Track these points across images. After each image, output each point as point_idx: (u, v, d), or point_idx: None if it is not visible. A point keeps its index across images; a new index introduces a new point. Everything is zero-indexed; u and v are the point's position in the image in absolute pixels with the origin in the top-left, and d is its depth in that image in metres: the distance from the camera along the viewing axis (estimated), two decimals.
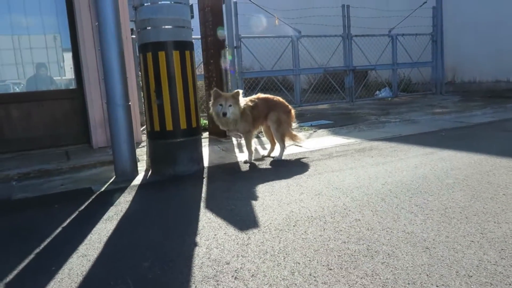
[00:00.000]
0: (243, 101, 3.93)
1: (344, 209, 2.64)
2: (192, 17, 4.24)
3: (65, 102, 5.28)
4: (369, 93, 10.57)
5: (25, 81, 5.26)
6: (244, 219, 2.56)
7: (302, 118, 7.15)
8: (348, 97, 9.39)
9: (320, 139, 5.19)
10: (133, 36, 6.13)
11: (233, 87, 6.43)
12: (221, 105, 3.76)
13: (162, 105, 3.62)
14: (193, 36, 3.90)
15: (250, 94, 4.26)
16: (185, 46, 3.64)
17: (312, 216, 2.55)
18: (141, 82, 3.99)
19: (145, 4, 3.54)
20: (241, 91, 3.88)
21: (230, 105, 3.77)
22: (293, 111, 4.26)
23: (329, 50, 9.67)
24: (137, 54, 5.24)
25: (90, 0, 4.96)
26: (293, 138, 4.33)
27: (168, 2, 3.52)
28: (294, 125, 4.37)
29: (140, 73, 4.05)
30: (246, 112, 3.93)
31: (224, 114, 3.74)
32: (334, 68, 9.41)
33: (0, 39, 5.10)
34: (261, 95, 4.20)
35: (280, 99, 4.25)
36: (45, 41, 5.28)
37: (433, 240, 2.16)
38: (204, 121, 6.35)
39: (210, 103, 3.88)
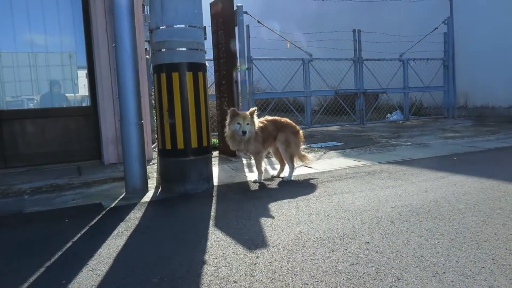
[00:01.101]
0: (257, 120, 4.01)
1: (353, 231, 2.65)
2: (205, 38, 4.36)
3: (79, 119, 5.40)
4: (380, 116, 10.59)
5: (39, 97, 5.40)
6: (253, 239, 2.57)
7: (312, 139, 7.18)
8: (359, 119, 9.43)
9: (330, 160, 5.21)
10: (147, 56, 6.29)
11: (244, 108, 6.52)
12: (239, 123, 3.83)
13: (174, 124, 3.69)
14: (206, 58, 4.00)
15: (261, 115, 4.33)
16: (198, 68, 3.74)
17: (321, 237, 2.56)
18: (153, 101, 4.08)
19: (161, 27, 3.66)
20: (256, 109, 3.95)
21: (247, 124, 3.84)
22: (301, 132, 4.31)
23: (340, 73, 9.77)
24: (151, 73, 5.37)
25: (107, 21, 5.13)
26: (302, 158, 4.36)
27: (183, 25, 3.63)
28: (303, 146, 4.40)
29: (153, 91, 4.14)
30: (257, 132, 3.99)
31: (244, 133, 3.82)
32: (345, 90, 9.48)
33: (19, 56, 5.27)
34: (269, 117, 4.27)
35: (288, 120, 4.31)
36: (61, 59, 5.45)
37: (443, 265, 2.15)
38: (214, 140, 6.42)
39: (226, 122, 3.95)
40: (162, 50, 3.67)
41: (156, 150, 4.17)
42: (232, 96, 5.56)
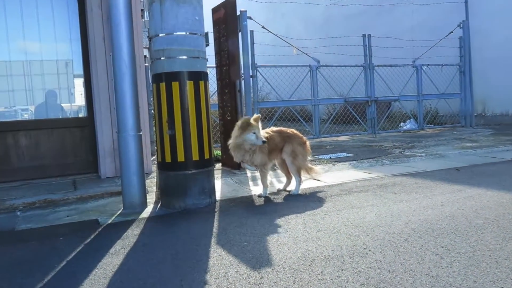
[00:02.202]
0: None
1: (364, 248, 2.64)
2: (207, 45, 4.40)
3: (74, 130, 5.45)
4: (393, 125, 10.59)
5: (34, 107, 5.46)
6: (257, 257, 2.57)
7: (321, 150, 7.18)
8: (370, 129, 9.43)
9: (339, 173, 5.21)
10: (146, 64, 6.35)
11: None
12: (254, 133, 3.85)
13: (174, 136, 3.71)
14: (208, 65, 4.04)
15: (266, 125, 4.35)
16: (199, 77, 3.78)
17: (329, 256, 2.55)
18: (153, 111, 4.11)
19: (160, 35, 3.71)
20: (259, 116, 3.97)
21: (253, 132, 3.87)
22: (308, 143, 4.32)
23: (350, 80, 9.81)
24: (150, 82, 5.41)
25: (104, 28, 5.20)
26: (309, 171, 4.37)
27: (184, 33, 3.68)
28: (310, 157, 4.41)
29: (152, 101, 4.18)
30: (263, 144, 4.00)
31: (264, 142, 3.86)
32: (355, 98, 9.50)
33: (12, 65, 5.35)
34: (274, 128, 4.29)
35: (295, 131, 4.33)
36: (56, 67, 5.52)
37: (460, 285, 2.13)
38: (217, 152, 6.44)
39: (234, 132, 3.94)
40: (162, 58, 3.71)
41: (156, 163, 4.19)
42: (236, 105, 5.59)
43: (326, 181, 4.74)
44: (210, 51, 6.26)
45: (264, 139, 3.84)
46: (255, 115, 4.00)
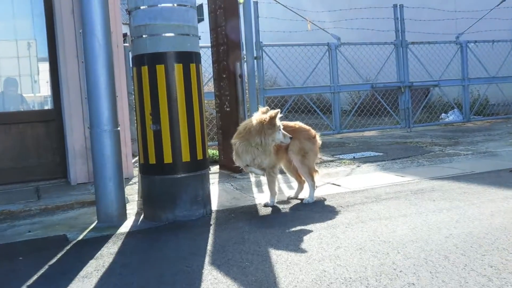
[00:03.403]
0: None
1: (394, 269, 2.63)
2: (202, 20, 4.40)
3: (38, 126, 5.49)
4: (432, 117, 10.55)
5: None
6: (261, 280, 2.57)
7: (342, 149, 7.16)
8: (404, 122, 9.40)
9: (364, 176, 5.19)
10: (126, 44, 6.37)
11: (252, 109, 6.54)
12: (280, 130, 3.94)
13: (160, 132, 3.72)
14: (200, 44, 4.04)
15: None
16: (190, 58, 3.78)
17: (350, 278, 2.54)
18: (134, 102, 4.12)
19: (141, 7, 3.70)
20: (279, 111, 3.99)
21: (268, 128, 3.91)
22: (318, 137, 4.32)
23: (378, 61, 9.77)
24: (130, 67, 5.43)
25: (73, 1, 5.22)
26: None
27: (170, 4, 3.67)
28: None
29: (133, 89, 4.19)
30: None
31: (292, 137, 3.98)
32: (385, 84, 9.48)
33: None
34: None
35: (300, 123, 4.34)
36: (16, 49, 5.55)
37: None
38: (213, 152, 6.45)
39: (255, 129, 3.87)
40: (143, 36, 3.72)
41: (138, 165, 4.20)
42: (236, 94, 5.60)
43: (348, 186, 4.73)
44: (204, 27, 6.28)
45: (291, 135, 3.94)
46: (263, 108, 3.99)
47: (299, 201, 4.24)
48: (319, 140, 4.33)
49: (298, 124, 4.32)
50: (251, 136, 3.90)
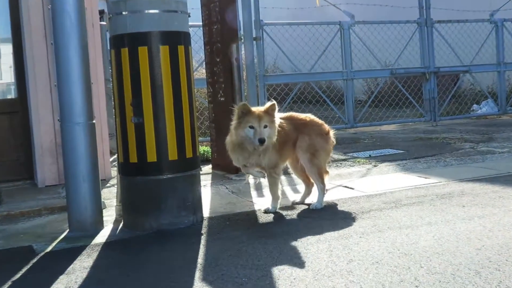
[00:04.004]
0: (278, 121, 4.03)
1: (416, 286, 2.63)
2: None
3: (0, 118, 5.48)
4: (462, 108, 10.53)
5: None
6: None
7: (357, 146, 7.16)
8: (429, 114, 9.39)
9: (382, 177, 5.19)
10: (104, 23, 6.35)
11: (251, 100, 6.54)
12: (252, 127, 3.84)
13: (142, 125, 3.72)
14: (190, 23, 4.03)
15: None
16: (177, 39, 3.77)
17: None
18: (112, 91, 4.11)
19: None
20: (276, 104, 3.95)
21: (265, 126, 3.86)
22: (332, 133, 4.32)
23: (399, 43, 9.76)
24: (108, 49, 5.42)
25: None
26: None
27: None
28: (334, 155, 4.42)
29: (111, 76, 4.18)
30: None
31: (261, 142, 3.81)
32: (407, 70, 9.46)
33: None
34: (281, 114, 4.27)
35: (311, 116, 4.33)
36: None
37: None
38: (204, 149, 6.44)
39: (232, 124, 3.96)
40: (123, 13, 3.70)
41: (116, 165, 4.19)
42: (232, 81, 5.58)
43: (362, 189, 4.73)
44: (194, 3, 6.25)
45: (263, 138, 3.80)
46: (269, 104, 3.93)
47: (305, 207, 4.24)
48: (333, 137, 4.32)
49: (309, 116, 4.31)
50: (232, 133, 3.95)
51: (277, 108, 3.95)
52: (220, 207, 4.35)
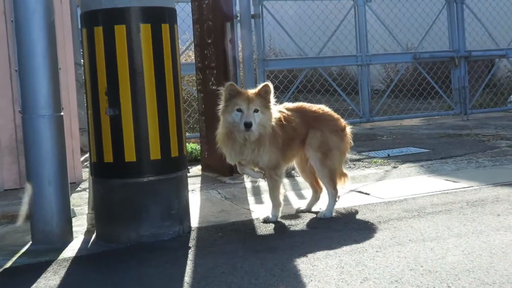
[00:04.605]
0: (274, 106, 4.03)
1: None
2: None
3: None
4: (497, 100, 10.52)
5: None
6: None
7: (373, 143, 7.15)
8: (458, 106, 9.38)
9: (403, 181, 5.19)
10: None
11: (247, 87, 6.54)
12: (239, 110, 3.85)
13: (119, 118, 3.71)
14: None
15: (277, 101, 4.32)
16: (161, 16, 3.76)
17: None
18: (83, 77, 4.11)
19: None
20: (271, 86, 3.96)
21: (256, 110, 3.85)
22: (349, 130, 4.31)
23: (423, 22, 9.75)
24: (79, 28, 5.41)
25: None
26: (342, 178, 4.41)
27: None
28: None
29: (82, 61, 4.18)
30: (274, 130, 4.00)
31: (248, 126, 3.80)
32: (432, 54, 9.45)
33: None
34: (289, 104, 4.27)
35: (326, 109, 4.33)
36: None
37: None
38: (193, 147, 6.43)
39: (220, 108, 3.97)
40: None
41: (88, 165, 4.18)
42: (225, 66, 5.58)
43: (380, 195, 4.73)
44: None
45: (249, 121, 3.78)
46: (262, 85, 3.95)
47: (312, 216, 4.23)
48: (350, 135, 4.31)
49: (323, 109, 4.30)
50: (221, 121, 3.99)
51: (272, 91, 3.95)
52: (212, 215, 4.34)
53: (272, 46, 12.05)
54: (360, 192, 4.85)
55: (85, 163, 5.79)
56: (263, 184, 4.75)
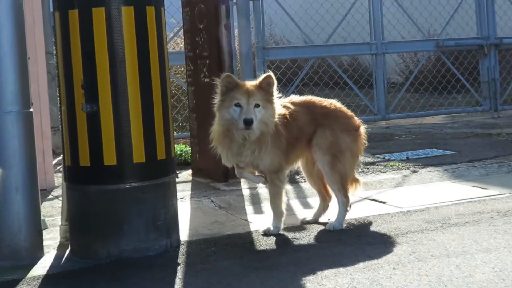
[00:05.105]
0: (278, 101, 4.04)
1: None
2: None
3: None
4: None
5: None
6: None
7: (389, 144, 7.15)
8: (488, 102, 9.38)
9: (424, 188, 5.20)
10: None
11: (245, 79, 6.54)
12: (238, 105, 3.85)
13: (98, 115, 3.70)
14: None
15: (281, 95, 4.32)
16: None
17: None
18: (56, 68, 4.10)
19: None
20: (274, 77, 3.97)
21: (257, 105, 3.85)
22: (363, 129, 4.31)
23: (447, 4, 9.75)
24: (51, 11, 5.40)
25: None
26: (354, 184, 4.43)
27: None
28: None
29: (55, 49, 4.17)
30: (277, 128, 4.01)
31: (247, 123, 3.80)
32: (457, 41, 9.44)
33: None
34: (295, 98, 4.28)
35: (338, 104, 4.33)
36: None
37: None
38: (182, 148, 6.42)
39: (215, 102, 3.99)
40: None
41: (62, 169, 4.18)
42: (220, 55, 5.58)
43: (397, 203, 4.73)
44: None
45: (250, 117, 3.79)
46: (264, 76, 3.95)
47: (320, 227, 4.23)
48: (364, 135, 4.30)
49: (334, 104, 4.29)
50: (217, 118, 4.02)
51: (275, 83, 3.96)
52: (204, 227, 4.34)
53: (273, 32, 12.05)
54: (374, 200, 4.85)
55: (58, 167, 5.78)
56: (263, 191, 4.74)
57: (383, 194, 5.03)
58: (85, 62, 3.70)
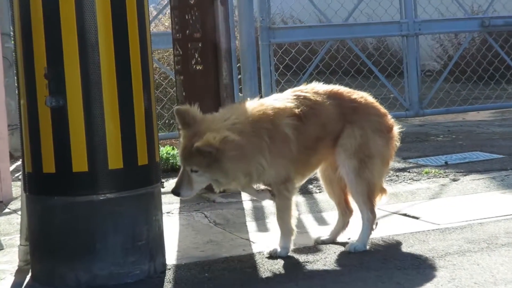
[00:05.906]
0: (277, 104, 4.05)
1: None
2: None
3: None
4: None
5: None
6: None
7: (424, 146, 7.17)
8: None
9: (466, 200, 5.21)
10: None
11: (247, 68, 6.54)
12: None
13: (65, 111, 3.71)
14: None
15: (290, 85, 4.33)
16: None
17: None
18: (14, 55, 4.12)
19: None
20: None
21: (194, 170, 3.85)
22: (396, 130, 4.32)
23: None
24: None
25: None
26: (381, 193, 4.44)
27: None
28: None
29: (12, 33, 4.19)
30: (282, 132, 4.01)
31: (175, 193, 3.96)
32: (507, 20, 9.44)
33: None
34: (319, 88, 4.28)
35: (369, 98, 4.35)
36: None
37: None
38: (169, 151, 6.43)
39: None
40: None
41: (21, 177, 4.19)
42: (215, 38, 5.59)
43: (433, 219, 4.73)
44: None
45: (176, 189, 3.90)
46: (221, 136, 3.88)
47: (339, 248, 4.23)
48: (397, 137, 4.31)
49: (365, 98, 4.31)
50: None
51: (234, 139, 3.84)
52: (196, 248, 4.35)
53: (281, 9, 12.07)
54: (405, 215, 4.86)
55: (17, 174, 5.80)
56: (268, 203, 4.74)
57: (416, 208, 5.03)
58: (49, 45, 3.70)
